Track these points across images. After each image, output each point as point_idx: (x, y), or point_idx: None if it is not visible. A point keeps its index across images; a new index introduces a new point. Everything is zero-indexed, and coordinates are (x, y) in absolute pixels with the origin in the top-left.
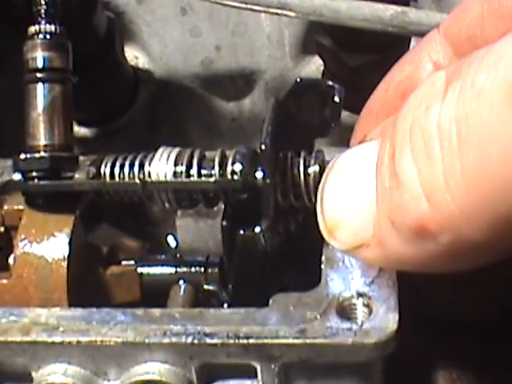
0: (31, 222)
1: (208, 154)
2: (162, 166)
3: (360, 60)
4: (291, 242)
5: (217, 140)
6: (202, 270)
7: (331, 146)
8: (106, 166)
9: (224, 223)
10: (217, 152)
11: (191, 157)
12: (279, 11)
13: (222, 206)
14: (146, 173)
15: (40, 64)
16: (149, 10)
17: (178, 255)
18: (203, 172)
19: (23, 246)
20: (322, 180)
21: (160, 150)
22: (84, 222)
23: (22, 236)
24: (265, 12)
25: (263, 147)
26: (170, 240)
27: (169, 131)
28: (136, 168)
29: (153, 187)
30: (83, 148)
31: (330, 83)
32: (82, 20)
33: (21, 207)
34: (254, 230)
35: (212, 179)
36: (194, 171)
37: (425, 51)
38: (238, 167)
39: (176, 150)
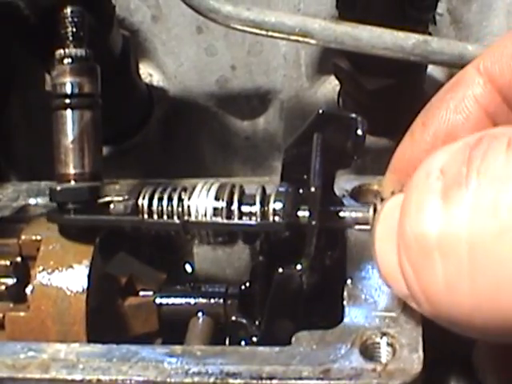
0: (49, 253)
1: (247, 189)
2: (201, 201)
3: (378, 83)
4: (326, 276)
5: (231, 158)
6: (221, 301)
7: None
8: (143, 199)
9: (261, 258)
10: (257, 188)
11: (231, 192)
12: (300, 39)
13: None
14: (186, 207)
15: (69, 90)
16: (164, 28)
17: (195, 284)
18: (244, 209)
19: (41, 277)
20: (372, 229)
21: (200, 184)
22: (102, 251)
23: (40, 267)
24: (286, 39)
25: (312, 189)
26: (188, 268)
27: (183, 149)
28: (175, 202)
29: (193, 227)
30: None
31: (353, 115)
32: (98, 40)
33: (39, 237)
34: (293, 268)
35: (254, 221)
36: (234, 207)
37: (469, 97)
38: (279, 206)
39: (216, 185)
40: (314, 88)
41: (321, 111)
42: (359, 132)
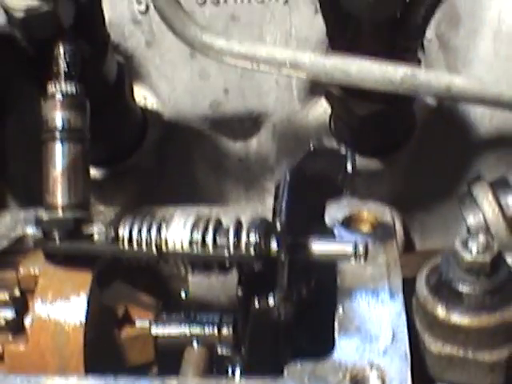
0: (47, 285)
1: (224, 220)
2: (178, 232)
3: (368, 109)
4: (303, 305)
5: (224, 180)
6: (216, 330)
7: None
8: (124, 229)
9: (239, 293)
10: (232, 221)
11: (207, 225)
12: (291, 72)
13: None
14: (163, 238)
15: (59, 124)
16: (158, 53)
17: (190, 312)
18: (218, 241)
19: (39, 309)
20: None
21: (177, 216)
22: (99, 280)
23: (39, 300)
24: (277, 73)
25: (278, 223)
26: (183, 295)
27: (176, 171)
28: (154, 233)
29: (169, 256)
30: (93, 188)
31: (343, 151)
32: (94, 67)
33: (37, 271)
34: (267, 303)
35: (226, 252)
36: (209, 239)
37: None
38: (251, 238)
39: (192, 217)
40: (306, 110)
41: (312, 147)
42: (349, 168)
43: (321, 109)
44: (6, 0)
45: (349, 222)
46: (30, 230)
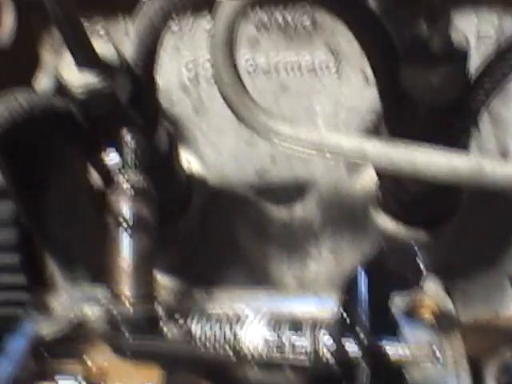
0: (116, 378)
1: (298, 316)
2: (254, 334)
3: (421, 185)
4: None
5: (267, 245)
6: None
7: None
8: (196, 325)
9: None
10: (307, 321)
11: (283, 325)
12: (358, 160)
13: None
14: (240, 339)
15: (128, 216)
16: (205, 119)
17: None
18: (295, 343)
19: None
20: None
21: (250, 313)
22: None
23: None
24: (340, 159)
25: (359, 328)
26: None
27: (220, 235)
28: (228, 333)
29: (246, 359)
30: None
31: (416, 249)
32: (145, 136)
33: (105, 364)
34: None
35: (306, 358)
36: (285, 341)
37: None
38: (329, 343)
39: (266, 317)
40: (353, 179)
41: (383, 244)
42: (421, 266)
43: (368, 178)
44: (65, 76)
45: (412, 311)
46: (89, 311)
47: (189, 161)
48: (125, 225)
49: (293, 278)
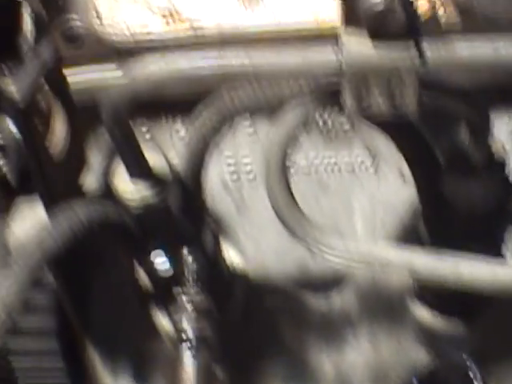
0: None
1: None
2: None
3: None
4: None
5: (307, 335)
6: None
7: None
8: None
9: None
10: None
11: None
12: (407, 273)
13: None
14: None
15: (191, 334)
16: (247, 217)
17: None
18: None
19: None
20: None
21: None
22: None
23: None
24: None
25: None
26: None
27: (261, 326)
28: None
29: None
30: None
31: (468, 363)
32: (195, 242)
33: None
34: None
35: None
36: None
37: None
38: None
39: None
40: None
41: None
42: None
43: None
44: (121, 190)
45: None
46: None
47: (230, 255)
48: (188, 344)
49: (331, 367)
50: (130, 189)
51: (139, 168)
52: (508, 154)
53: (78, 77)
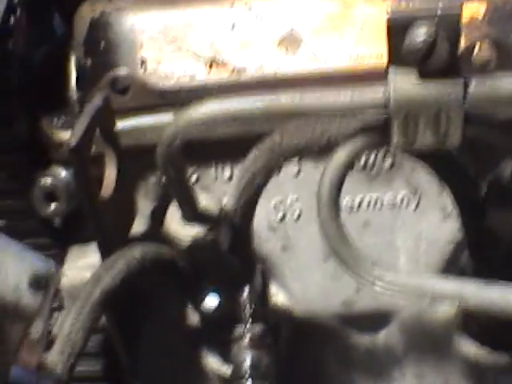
0: None
1: None
2: None
3: None
4: None
5: (352, 370)
6: None
7: None
8: None
9: None
10: None
11: None
12: (455, 302)
13: None
14: None
15: (248, 365)
16: (292, 256)
17: None
18: None
19: None
20: None
21: None
22: None
23: None
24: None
25: None
26: None
27: (308, 365)
28: None
29: None
30: None
31: None
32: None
33: None
34: None
35: None
36: None
37: None
38: None
39: None
40: (435, 307)
41: None
42: None
43: (450, 304)
44: (173, 231)
45: None
46: None
47: (277, 294)
48: (246, 376)
49: None
50: (182, 229)
51: (191, 208)
52: None
53: (126, 123)
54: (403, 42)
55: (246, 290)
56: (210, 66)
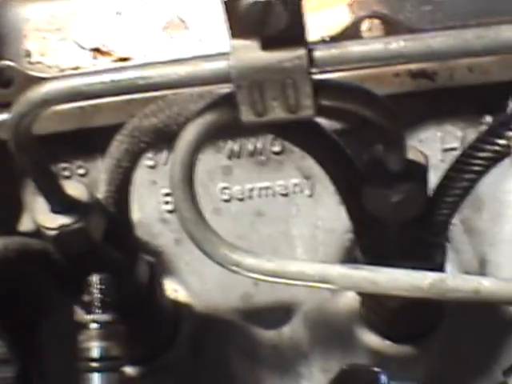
0: None
1: None
2: None
3: (399, 302)
4: None
5: (258, 367)
6: None
7: None
8: None
9: None
10: None
11: None
12: (321, 285)
13: None
14: None
15: (97, 355)
16: (187, 249)
17: None
18: None
19: None
20: None
21: None
22: None
23: None
24: (305, 286)
25: None
26: None
27: (211, 362)
28: None
29: None
30: None
31: (376, 370)
32: (125, 273)
33: None
34: None
35: None
36: None
37: None
38: None
39: None
40: (336, 299)
41: (345, 366)
42: None
43: (351, 296)
44: (39, 219)
45: None
46: None
47: (175, 290)
48: (94, 364)
49: None
50: (48, 219)
51: (57, 197)
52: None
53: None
54: (239, 11)
55: (95, 277)
56: (95, 56)
